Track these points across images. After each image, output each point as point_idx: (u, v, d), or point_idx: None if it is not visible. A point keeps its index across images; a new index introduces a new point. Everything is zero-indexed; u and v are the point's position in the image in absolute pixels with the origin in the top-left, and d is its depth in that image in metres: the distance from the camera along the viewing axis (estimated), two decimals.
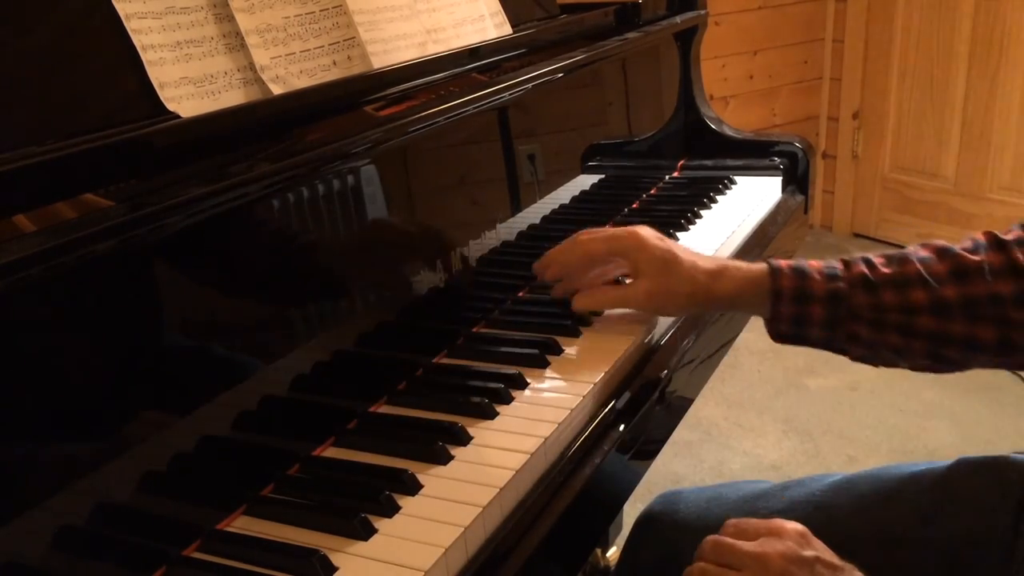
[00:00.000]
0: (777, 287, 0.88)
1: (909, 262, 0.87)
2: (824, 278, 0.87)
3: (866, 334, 0.87)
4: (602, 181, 1.29)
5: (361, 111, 0.85)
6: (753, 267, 0.91)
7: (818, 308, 0.87)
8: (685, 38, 1.47)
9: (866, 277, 0.87)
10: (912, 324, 0.86)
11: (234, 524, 0.69)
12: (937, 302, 0.85)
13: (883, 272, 0.87)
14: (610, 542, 1.51)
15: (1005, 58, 2.85)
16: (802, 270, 0.88)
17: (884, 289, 0.86)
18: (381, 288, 0.88)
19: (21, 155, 0.59)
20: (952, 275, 0.85)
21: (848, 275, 0.87)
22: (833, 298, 0.86)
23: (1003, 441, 2.17)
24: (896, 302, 0.86)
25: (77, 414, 0.61)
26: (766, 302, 0.89)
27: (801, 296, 0.87)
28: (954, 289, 0.85)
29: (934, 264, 0.86)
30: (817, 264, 0.89)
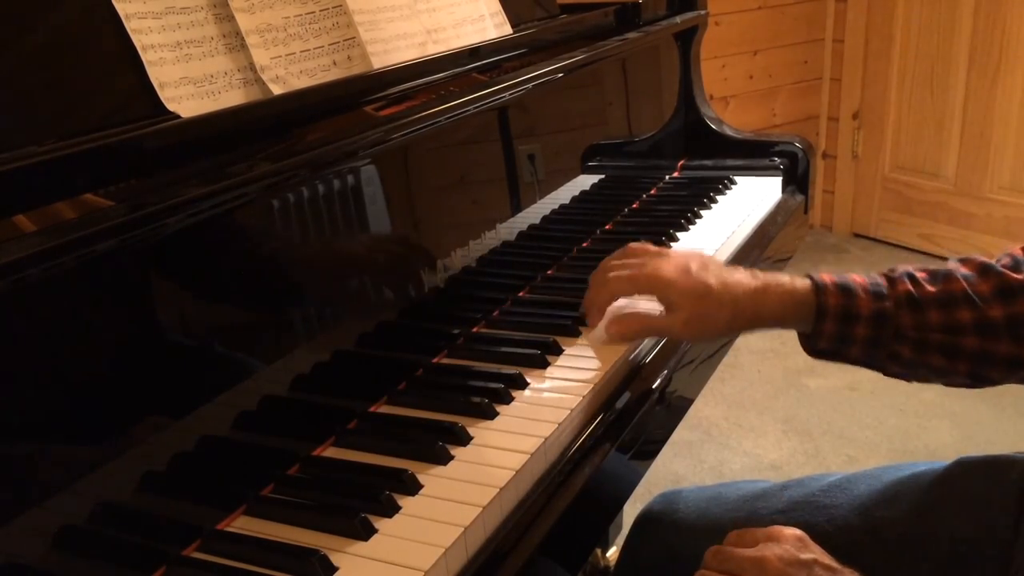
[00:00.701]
0: (822, 304, 0.86)
1: (954, 279, 0.85)
2: (870, 296, 0.85)
3: (908, 354, 0.86)
4: (602, 181, 1.29)
5: (361, 111, 0.85)
6: (796, 283, 0.88)
7: (862, 328, 0.85)
8: (685, 38, 1.47)
9: (911, 295, 0.85)
10: (957, 344, 0.84)
11: (234, 524, 0.69)
12: (983, 322, 0.84)
13: (928, 291, 0.85)
14: (610, 542, 1.51)
15: (1005, 58, 2.85)
16: (847, 287, 0.86)
17: (929, 308, 0.85)
18: (381, 288, 0.88)
19: (21, 155, 0.59)
20: (997, 294, 0.84)
21: (893, 293, 0.85)
22: (879, 318, 0.85)
23: (1003, 441, 2.17)
24: (941, 322, 0.84)
25: (77, 414, 0.61)
26: (809, 319, 0.87)
27: (846, 315, 0.85)
28: (1000, 309, 0.83)
29: (977, 282, 0.85)
30: (861, 280, 0.87)
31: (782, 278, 0.89)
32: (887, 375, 0.89)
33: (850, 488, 0.93)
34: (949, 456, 0.93)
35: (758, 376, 2.49)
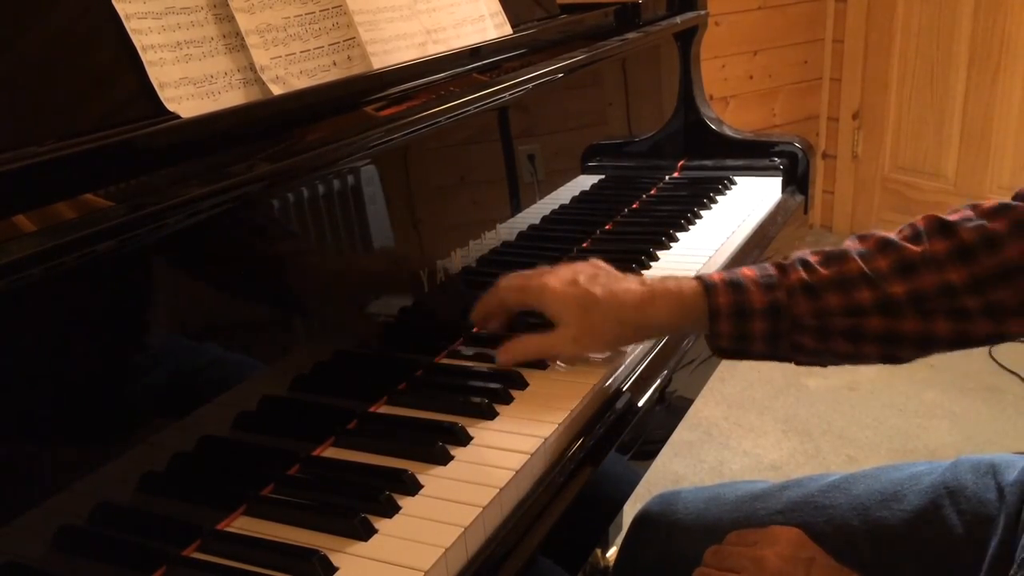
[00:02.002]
0: (713, 305, 0.83)
1: (849, 259, 0.82)
2: (761, 289, 0.82)
3: (811, 343, 0.83)
4: (602, 181, 1.29)
5: (361, 111, 0.85)
6: (684, 286, 0.85)
7: (759, 323, 0.82)
8: (685, 38, 1.47)
9: (805, 282, 0.82)
10: (860, 327, 0.81)
11: (234, 524, 0.69)
12: (884, 300, 0.80)
13: (822, 273, 0.82)
14: (610, 542, 1.51)
15: (1005, 58, 2.85)
16: (737, 282, 0.83)
17: (826, 292, 0.81)
18: (381, 288, 0.88)
19: (21, 155, 0.59)
20: (896, 270, 0.80)
21: (786, 281, 0.82)
22: (773, 310, 0.82)
23: (1003, 441, 2.17)
24: (840, 305, 0.81)
25: (77, 414, 0.61)
26: (703, 322, 0.84)
27: (739, 312, 0.82)
28: (901, 285, 0.80)
29: (876, 259, 0.81)
30: (751, 273, 0.84)
31: (670, 282, 0.86)
32: (797, 364, 0.87)
33: (849, 488, 0.93)
34: (949, 456, 0.93)
35: (758, 376, 2.49)
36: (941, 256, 0.79)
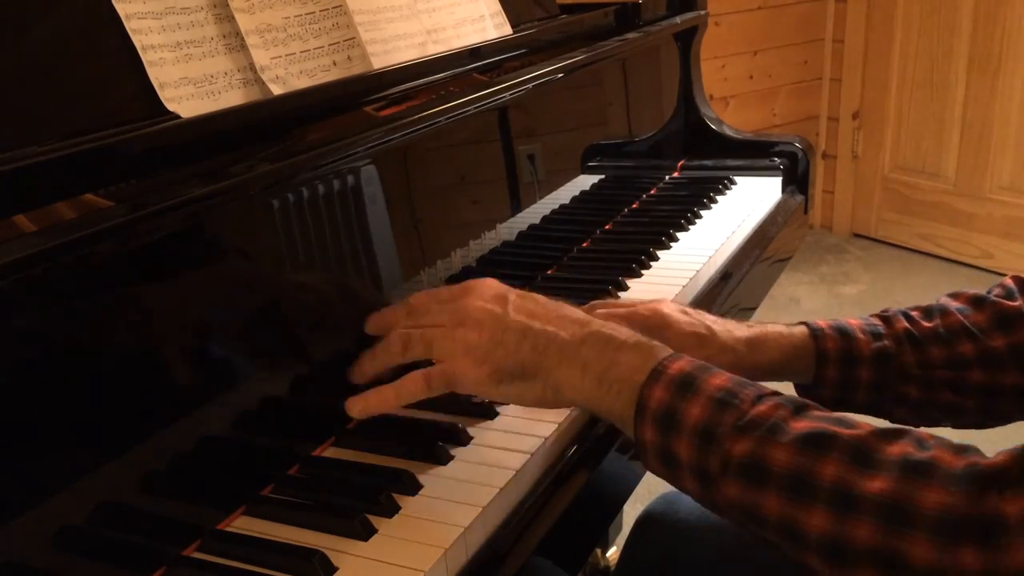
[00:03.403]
0: (821, 350, 0.82)
1: (950, 313, 0.83)
2: (868, 336, 0.82)
3: (916, 395, 0.83)
4: (602, 181, 1.29)
5: (361, 111, 0.85)
6: (794, 330, 0.84)
7: (866, 371, 0.82)
8: (685, 38, 1.47)
9: (911, 332, 0.82)
10: (962, 379, 0.82)
11: (234, 524, 0.69)
12: (986, 354, 0.81)
13: (926, 326, 0.83)
14: (610, 542, 1.51)
15: (1005, 58, 2.85)
16: (844, 329, 0.83)
17: (930, 344, 0.82)
18: (381, 288, 0.88)
19: (21, 155, 0.59)
20: (995, 324, 0.82)
21: (892, 331, 0.83)
22: (881, 358, 0.81)
23: (1003, 441, 2.16)
24: (944, 357, 0.82)
25: (77, 414, 0.61)
26: (810, 366, 0.83)
27: (847, 358, 0.81)
28: (1001, 339, 0.81)
29: (974, 314, 0.83)
30: (857, 322, 0.84)
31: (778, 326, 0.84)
32: (893, 421, 0.84)
33: None
34: None
35: None
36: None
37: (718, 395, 0.62)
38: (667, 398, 0.63)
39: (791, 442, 0.58)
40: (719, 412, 0.61)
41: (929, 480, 0.54)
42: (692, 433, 0.62)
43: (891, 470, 0.55)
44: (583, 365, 0.67)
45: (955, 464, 0.54)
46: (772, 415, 0.60)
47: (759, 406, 0.61)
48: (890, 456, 0.56)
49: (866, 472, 0.56)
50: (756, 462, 0.59)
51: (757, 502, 0.59)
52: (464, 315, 0.70)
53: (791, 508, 0.57)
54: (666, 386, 0.64)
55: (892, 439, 0.58)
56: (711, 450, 0.61)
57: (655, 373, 0.65)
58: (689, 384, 0.63)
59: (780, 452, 0.58)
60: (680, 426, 0.62)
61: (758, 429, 0.60)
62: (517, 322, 0.69)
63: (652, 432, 0.64)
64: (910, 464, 0.55)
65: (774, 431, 0.59)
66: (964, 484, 0.53)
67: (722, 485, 0.60)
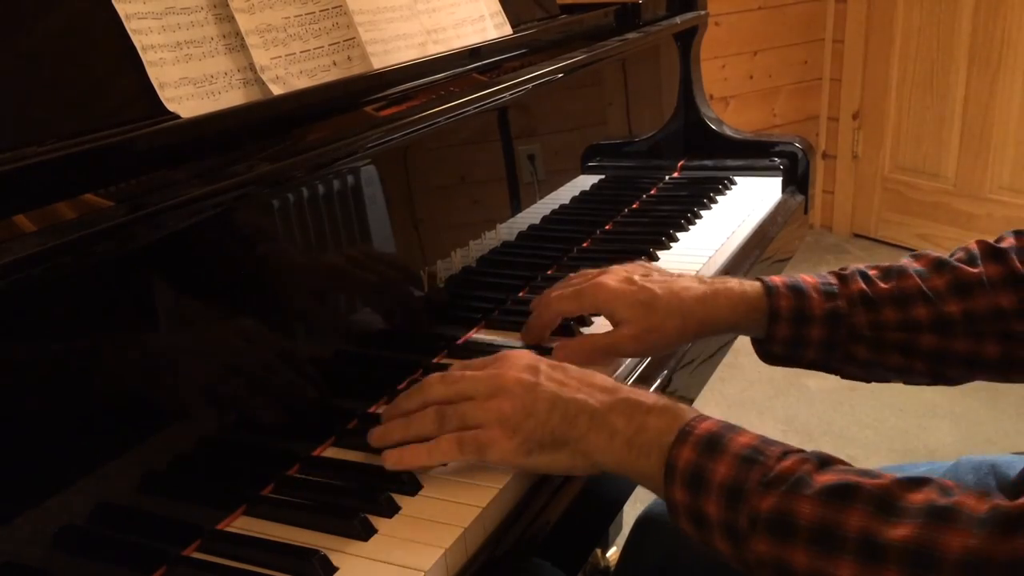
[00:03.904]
0: (774, 307, 0.83)
1: (908, 276, 0.83)
2: (822, 296, 0.83)
3: (865, 354, 0.84)
4: (602, 181, 1.29)
5: (361, 111, 0.85)
6: (747, 287, 0.85)
7: (817, 329, 0.83)
8: (685, 38, 1.47)
9: (865, 294, 0.83)
10: (914, 342, 0.82)
11: (234, 524, 0.69)
12: (939, 318, 0.81)
13: (882, 287, 0.83)
14: (610, 542, 1.51)
15: (1005, 58, 2.85)
16: (798, 288, 0.84)
17: (884, 306, 0.82)
18: (381, 287, 0.88)
19: (21, 155, 0.59)
20: (953, 289, 0.82)
21: (846, 292, 0.83)
22: (832, 318, 0.83)
23: (1003, 441, 2.17)
24: (897, 319, 0.82)
25: (77, 414, 0.61)
26: (762, 323, 0.84)
27: (799, 317, 0.83)
28: (956, 304, 0.81)
29: (932, 278, 0.83)
30: (812, 280, 0.85)
31: (731, 282, 0.86)
32: (843, 377, 0.87)
33: None
34: (949, 456, 0.94)
35: (758, 376, 2.49)
36: (995, 280, 0.81)
37: (744, 453, 0.63)
38: (695, 458, 0.64)
39: (816, 495, 0.58)
40: (745, 469, 0.62)
41: (953, 525, 0.54)
42: (720, 491, 0.62)
43: (915, 517, 0.55)
44: (612, 431, 0.68)
45: (979, 508, 0.54)
46: (797, 470, 0.60)
47: (784, 462, 0.61)
48: (914, 504, 0.56)
49: (890, 520, 0.56)
50: (783, 517, 0.59)
51: (786, 557, 0.59)
52: (497, 386, 0.71)
53: (819, 561, 0.57)
54: (693, 447, 0.64)
55: (915, 487, 0.58)
56: (739, 507, 0.61)
57: (682, 434, 0.65)
58: (716, 444, 0.64)
59: (805, 505, 0.58)
60: (708, 485, 0.62)
61: (783, 484, 0.60)
62: (548, 391, 0.70)
63: (682, 493, 0.64)
64: (934, 510, 0.55)
65: (799, 485, 0.59)
66: (988, 527, 0.53)
67: (751, 542, 0.60)
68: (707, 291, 0.85)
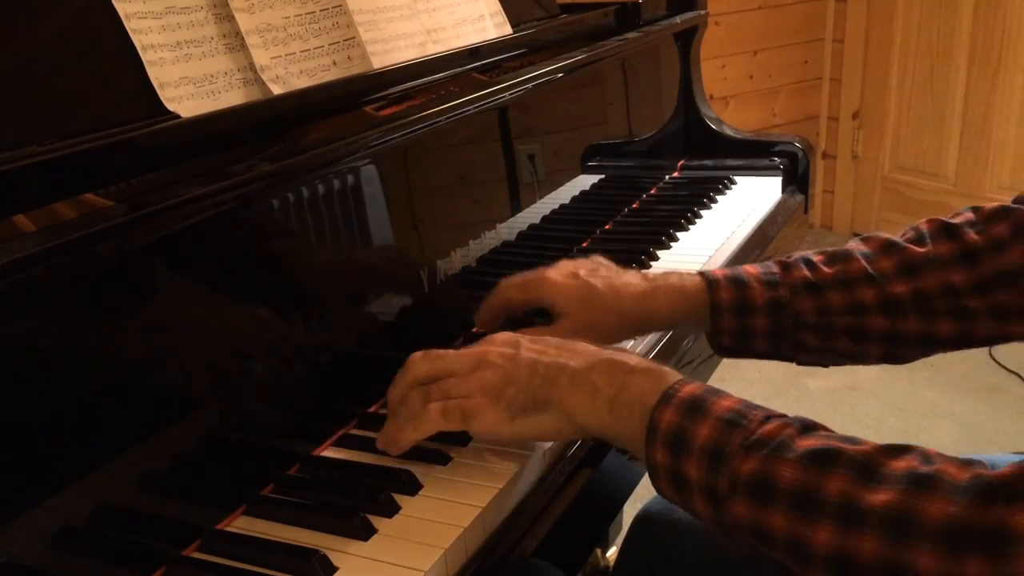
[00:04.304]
0: (716, 300, 0.83)
1: (853, 259, 0.83)
2: (763, 286, 0.83)
3: (813, 341, 0.83)
4: (602, 181, 1.29)
5: (361, 111, 0.85)
6: (687, 281, 0.85)
7: (760, 319, 0.82)
8: (685, 38, 1.47)
9: (808, 280, 0.83)
10: (862, 325, 0.82)
11: (234, 524, 0.69)
12: (887, 300, 0.81)
13: (826, 272, 0.83)
14: (610, 542, 1.51)
15: (1005, 58, 2.85)
16: (739, 279, 0.84)
17: (829, 291, 0.82)
18: (381, 288, 0.88)
19: (21, 155, 0.59)
20: (900, 270, 0.81)
21: (788, 280, 0.83)
22: (775, 307, 0.82)
23: (1003, 441, 2.17)
24: (844, 304, 0.81)
25: (78, 413, 0.61)
26: (705, 317, 0.84)
27: (741, 308, 0.83)
28: (904, 285, 0.80)
29: (879, 260, 0.82)
30: (755, 270, 0.85)
31: (672, 277, 0.86)
32: (799, 364, 0.87)
33: None
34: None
35: (758, 376, 2.49)
36: (945, 258, 0.80)
37: (727, 416, 0.62)
38: (677, 420, 0.63)
39: (797, 459, 0.58)
40: (727, 432, 0.61)
41: (934, 492, 0.54)
42: (701, 454, 0.62)
43: (896, 483, 0.55)
44: (594, 390, 0.68)
45: (960, 476, 0.54)
46: (779, 434, 0.60)
47: (766, 425, 0.61)
48: (895, 470, 0.56)
49: (871, 486, 0.56)
50: (763, 479, 0.59)
51: (765, 520, 0.58)
52: (479, 360, 0.72)
53: (798, 524, 0.57)
54: (676, 409, 0.64)
55: (898, 455, 0.57)
56: (720, 470, 0.61)
57: (666, 396, 0.65)
58: (699, 406, 0.64)
59: (786, 469, 0.58)
60: (689, 447, 0.62)
61: (765, 447, 0.60)
62: (528, 358, 0.70)
63: (663, 454, 0.64)
64: (915, 477, 0.55)
65: (781, 449, 0.59)
66: (969, 495, 0.53)
67: (731, 504, 0.60)
68: (647, 288, 0.85)
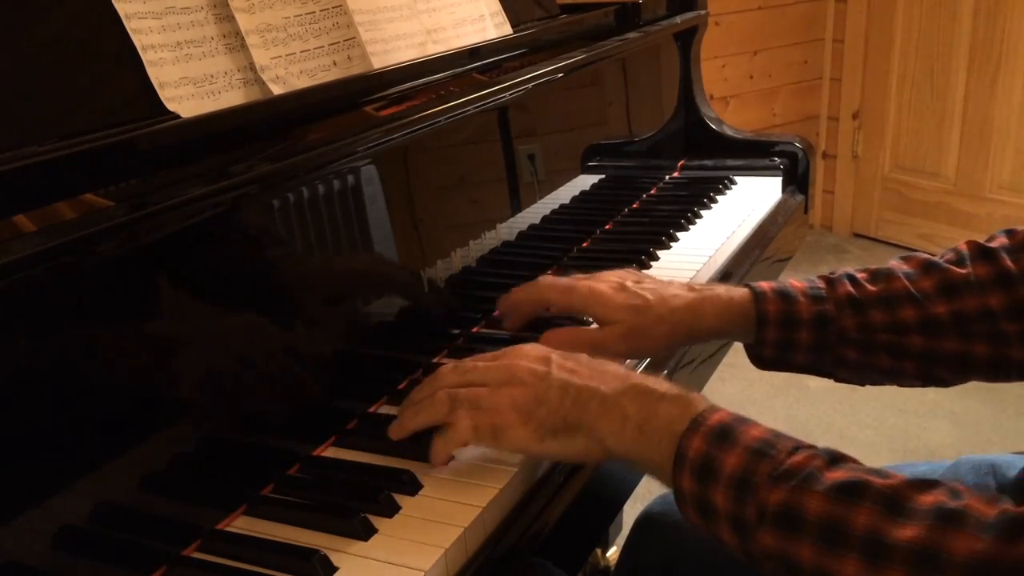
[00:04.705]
0: (762, 312, 0.85)
1: (895, 278, 0.84)
2: (809, 300, 0.84)
3: (854, 357, 0.85)
4: (602, 181, 1.29)
5: (361, 111, 0.85)
6: (734, 293, 0.87)
7: (805, 333, 0.84)
8: (685, 38, 1.47)
9: (852, 297, 0.84)
10: (902, 344, 0.83)
11: (234, 524, 0.69)
12: (927, 320, 0.82)
13: (869, 290, 0.84)
14: (610, 542, 1.51)
15: (1005, 58, 2.85)
16: (786, 292, 0.85)
17: (871, 308, 0.83)
18: (381, 288, 0.88)
19: (21, 155, 0.59)
20: (940, 291, 0.82)
21: (833, 295, 0.84)
22: (820, 321, 0.84)
23: (1003, 441, 2.17)
24: (885, 321, 0.83)
25: (78, 413, 0.61)
26: (750, 329, 0.86)
27: (787, 321, 0.84)
28: (944, 305, 0.82)
29: (920, 280, 0.83)
30: (800, 285, 0.86)
31: (719, 289, 0.88)
32: (837, 381, 0.88)
33: None
34: (949, 456, 0.93)
35: (758, 376, 2.49)
36: (984, 280, 0.81)
37: (755, 445, 0.62)
38: (705, 448, 0.63)
39: (825, 491, 0.58)
40: (755, 462, 0.61)
41: (961, 527, 0.54)
42: (729, 483, 0.62)
43: (923, 519, 0.55)
44: (623, 416, 0.68)
45: (987, 513, 0.54)
46: (807, 465, 0.60)
47: (795, 456, 0.61)
48: (923, 505, 0.56)
49: (898, 521, 0.56)
50: (791, 511, 0.59)
51: (792, 551, 0.58)
52: (510, 375, 0.71)
53: (824, 557, 0.57)
54: (704, 437, 0.64)
55: (925, 489, 0.57)
56: (747, 500, 0.61)
57: (694, 424, 0.65)
58: (727, 435, 0.64)
59: (814, 501, 0.58)
60: (717, 476, 0.62)
61: (793, 478, 0.59)
62: (559, 379, 0.70)
63: (690, 482, 0.64)
64: (942, 513, 0.55)
65: (809, 480, 0.59)
66: (995, 531, 0.53)
67: (758, 534, 0.60)
68: (695, 298, 0.86)
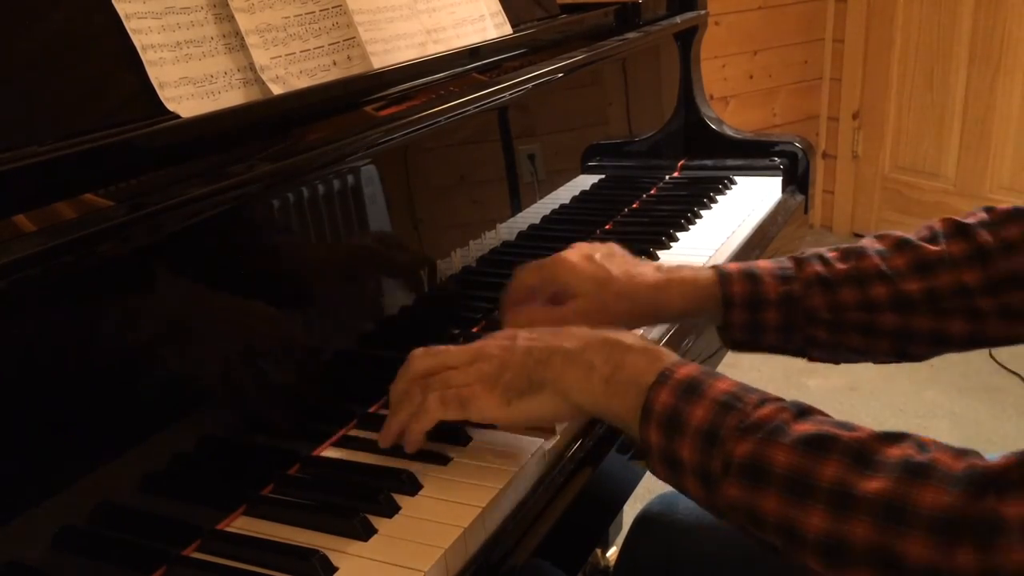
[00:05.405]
0: (728, 294, 0.84)
1: (866, 256, 0.83)
2: (776, 280, 0.84)
3: (825, 336, 0.84)
4: (602, 181, 1.29)
5: (361, 111, 0.85)
6: (700, 275, 0.86)
7: (772, 313, 0.83)
8: (685, 38, 1.47)
9: (821, 276, 0.83)
10: (874, 322, 0.82)
11: (234, 524, 0.69)
12: (899, 297, 0.81)
13: (839, 268, 0.83)
14: (610, 542, 1.51)
15: (1005, 58, 2.85)
16: (752, 273, 0.84)
17: (841, 287, 0.82)
18: (381, 288, 0.88)
19: (21, 155, 0.59)
20: (913, 268, 0.82)
21: (802, 275, 0.84)
22: (787, 301, 0.83)
23: (1003, 441, 2.17)
24: (856, 300, 0.82)
25: (77, 413, 0.61)
26: (718, 310, 0.85)
27: (753, 302, 0.83)
28: (917, 283, 0.81)
29: (893, 257, 0.83)
30: (768, 265, 0.85)
31: (685, 271, 0.87)
32: (810, 360, 0.87)
33: None
34: None
35: (758, 376, 2.49)
36: (958, 257, 0.81)
37: (722, 399, 0.62)
38: (672, 402, 0.64)
39: (792, 443, 0.58)
40: (722, 415, 0.62)
41: (928, 481, 0.54)
42: (695, 435, 0.62)
43: (890, 471, 0.55)
44: (589, 368, 0.68)
45: (954, 466, 0.54)
46: (775, 418, 0.60)
47: (762, 409, 0.61)
48: (890, 458, 0.56)
49: (865, 473, 0.56)
50: (757, 463, 0.59)
51: (757, 503, 0.59)
52: (478, 353, 0.73)
53: (790, 508, 0.57)
54: (672, 390, 0.64)
55: (893, 442, 0.58)
56: (713, 452, 0.61)
57: (662, 377, 0.65)
58: (695, 388, 0.64)
59: (781, 453, 0.58)
60: (684, 428, 0.63)
61: (760, 431, 0.60)
62: (523, 346, 0.72)
63: (657, 435, 0.64)
64: (909, 465, 0.55)
65: (776, 433, 0.59)
66: (963, 485, 0.53)
67: (724, 486, 0.60)
68: (661, 279, 0.86)
